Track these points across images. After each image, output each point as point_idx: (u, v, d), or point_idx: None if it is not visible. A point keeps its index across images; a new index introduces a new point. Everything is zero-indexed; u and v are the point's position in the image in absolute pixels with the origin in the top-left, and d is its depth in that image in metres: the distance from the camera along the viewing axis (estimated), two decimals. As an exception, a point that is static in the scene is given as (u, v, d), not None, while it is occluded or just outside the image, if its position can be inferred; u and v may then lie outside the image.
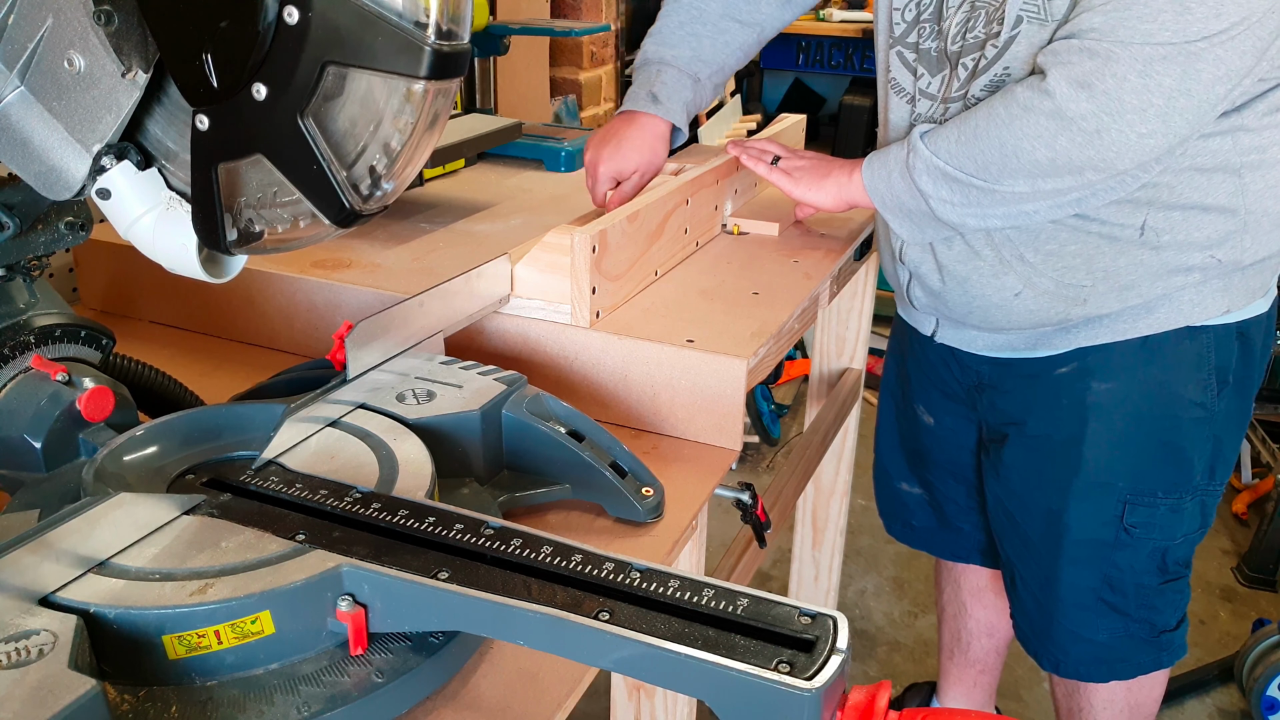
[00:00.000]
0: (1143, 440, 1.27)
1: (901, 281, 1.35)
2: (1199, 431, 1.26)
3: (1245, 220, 1.14)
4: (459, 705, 0.65)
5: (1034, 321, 1.23)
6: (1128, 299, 1.18)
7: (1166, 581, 1.35)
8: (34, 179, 0.66)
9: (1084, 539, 1.33)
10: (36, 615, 0.56)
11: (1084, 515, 1.31)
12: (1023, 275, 1.19)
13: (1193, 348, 1.22)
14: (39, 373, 0.76)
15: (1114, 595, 1.35)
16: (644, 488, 0.85)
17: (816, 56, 3.61)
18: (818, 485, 1.91)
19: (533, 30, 1.96)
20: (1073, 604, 1.37)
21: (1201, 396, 1.24)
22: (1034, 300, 1.20)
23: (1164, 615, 1.38)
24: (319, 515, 0.68)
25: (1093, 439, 1.28)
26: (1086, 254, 1.16)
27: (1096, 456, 1.28)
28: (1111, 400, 1.26)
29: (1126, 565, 1.33)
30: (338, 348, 0.83)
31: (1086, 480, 1.29)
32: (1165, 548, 1.31)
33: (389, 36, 0.55)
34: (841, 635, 0.54)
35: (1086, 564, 1.34)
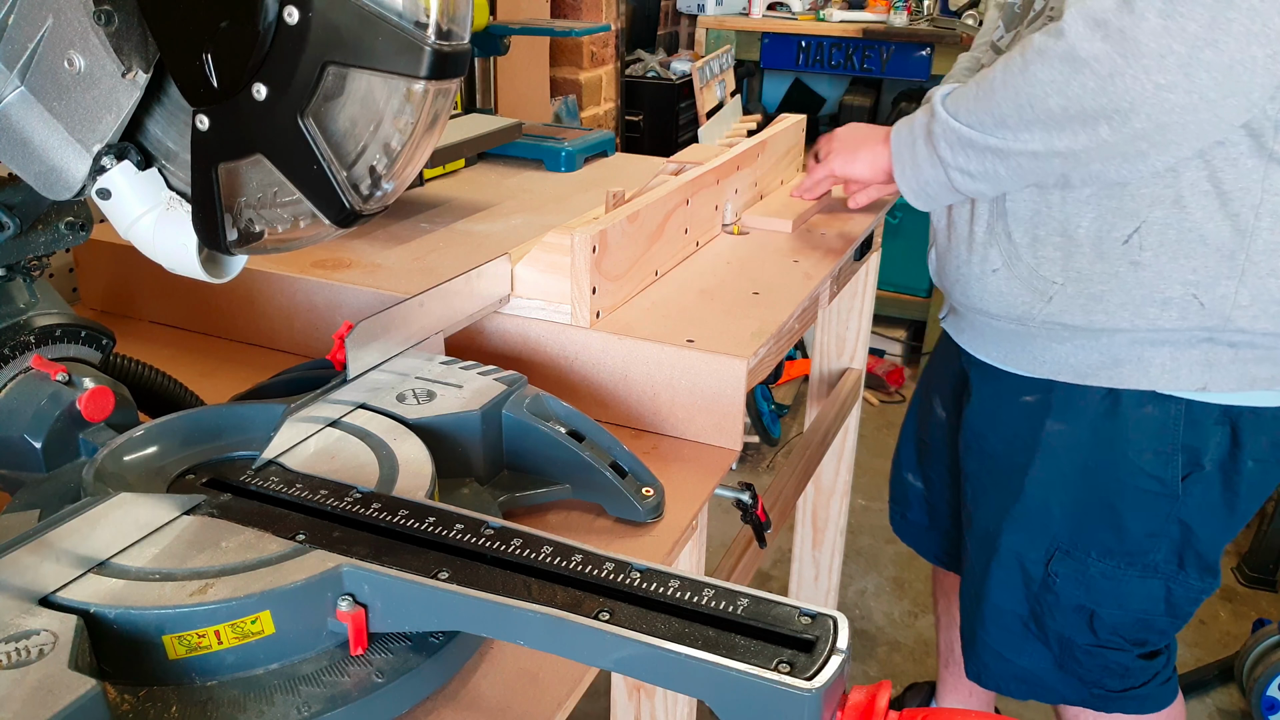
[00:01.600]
0: (1083, 493, 1.22)
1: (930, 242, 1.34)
2: (1150, 506, 1.19)
3: (1244, 271, 1.05)
4: (459, 705, 0.65)
5: (1002, 307, 1.19)
6: (1093, 314, 1.12)
7: (1097, 646, 1.28)
8: (34, 179, 0.66)
9: (1012, 566, 1.29)
10: (36, 615, 0.56)
11: (1015, 544, 1.28)
12: (1005, 252, 1.16)
13: (1155, 415, 1.15)
14: (39, 373, 0.76)
15: (1038, 630, 1.31)
16: (644, 488, 0.85)
17: (816, 56, 3.60)
18: (818, 485, 1.91)
19: (533, 30, 1.96)
20: (996, 623, 1.34)
21: (1159, 470, 1.16)
22: (1007, 283, 1.17)
23: (1092, 674, 1.31)
24: (319, 515, 0.68)
25: (1035, 474, 1.24)
26: (1067, 249, 1.12)
27: (1036, 492, 1.25)
28: (1062, 442, 1.21)
29: (1048, 609, 1.28)
30: (338, 348, 0.83)
31: (1023, 510, 1.26)
32: (1093, 611, 1.26)
33: (389, 36, 0.55)
34: (842, 635, 0.54)
35: (1012, 590, 1.31)
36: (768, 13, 3.67)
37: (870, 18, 3.50)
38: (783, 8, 3.69)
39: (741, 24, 3.65)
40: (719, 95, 1.70)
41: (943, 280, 1.31)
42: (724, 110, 1.69)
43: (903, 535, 1.70)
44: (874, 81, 3.78)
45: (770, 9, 3.69)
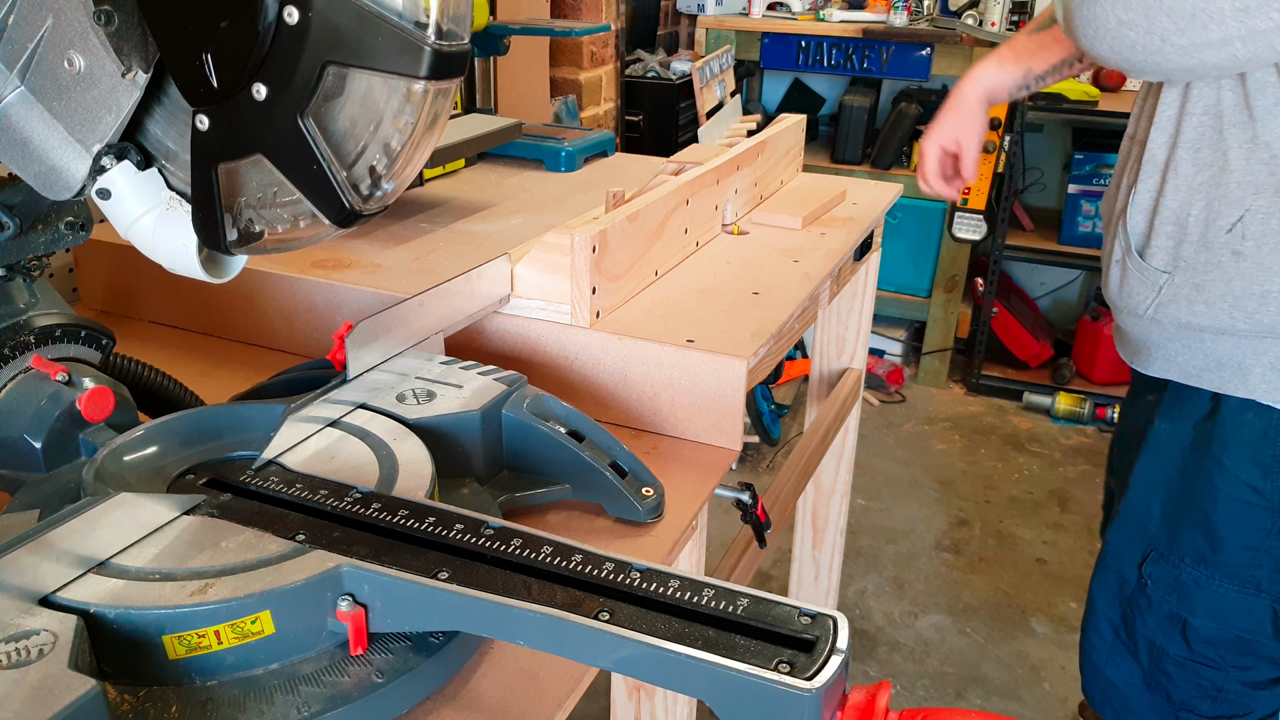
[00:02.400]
0: (1180, 496, 1.21)
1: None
2: (1247, 518, 1.16)
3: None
4: (459, 705, 0.65)
5: (1122, 298, 1.22)
6: (1195, 306, 1.13)
7: (1192, 660, 1.24)
8: (34, 179, 0.66)
9: (1111, 565, 1.30)
10: (36, 615, 0.56)
11: (1118, 542, 1.29)
12: (1123, 244, 1.19)
13: (1256, 425, 1.14)
14: (39, 373, 0.76)
15: (1127, 638, 1.30)
16: (644, 488, 0.85)
17: (816, 56, 3.60)
18: (818, 485, 1.90)
19: (533, 30, 1.96)
20: (1092, 627, 1.34)
21: (1257, 482, 1.15)
22: (1123, 274, 1.20)
23: (1183, 692, 1.27)
24: (319, 515, 0.68)
25: (1141, 471, 1.25)
26: (1178, 238, 1.13)
27: (1138, 492, 1.26)
28: (1164, 443, 1.22)
29: (1141, 615, 1.27)
30: (338, 348, 0.83)
31: (1126, 509, 1.27)
32: (1185, 619, 1.23)
33: (389, 36, 0.55)
34: (841, 635, 0.54)
35: (1109, 593, 1.31)
36: (768, 13, 3.67)
37: (870, 18, 3.50)
38: (783, 8, 3.68)
39: (741, 24, 3.65)
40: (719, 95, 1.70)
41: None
42: (724, 110, 1.69)
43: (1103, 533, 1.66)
44: (874, 81, 3.78)
45: (770, 9, 3.69)
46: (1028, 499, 2.88)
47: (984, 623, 2.34)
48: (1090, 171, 3.25)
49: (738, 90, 1.78)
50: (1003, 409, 3.43)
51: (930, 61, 3.40)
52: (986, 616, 2.37)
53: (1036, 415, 3.39)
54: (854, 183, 1.64)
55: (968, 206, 3.19)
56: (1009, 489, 2.94)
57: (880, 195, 1.60)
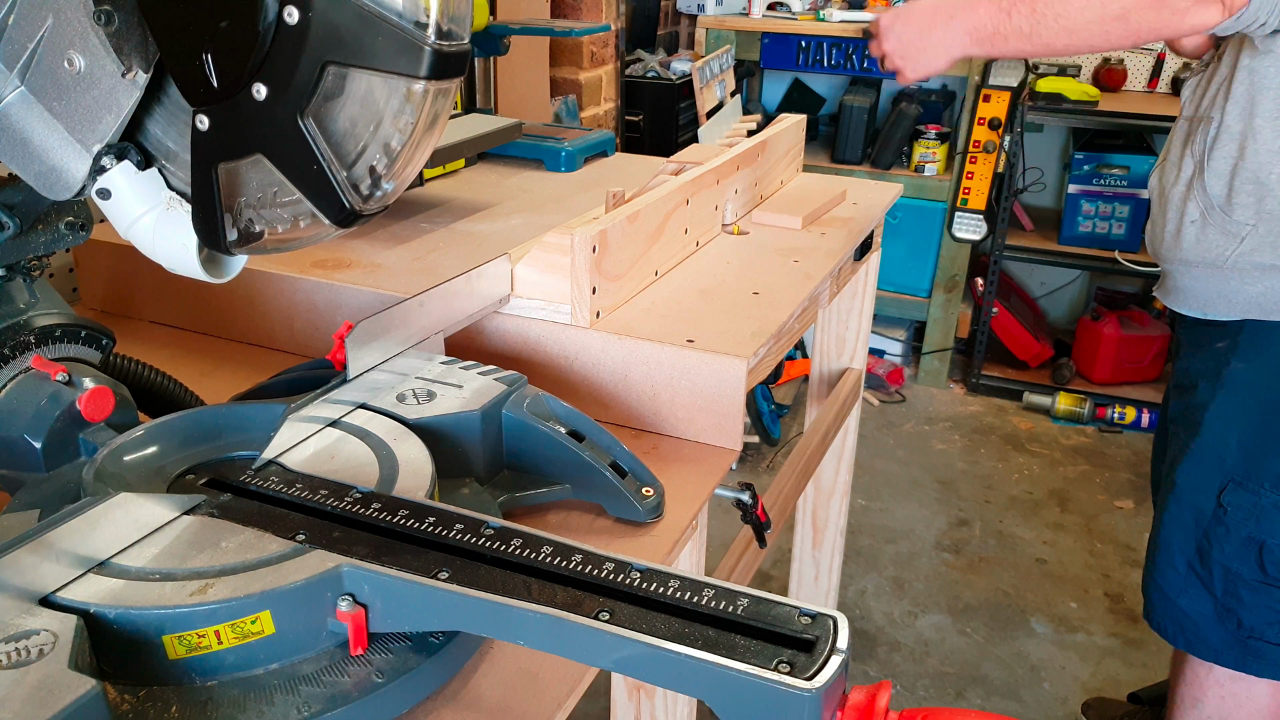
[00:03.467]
0: (1261, 425, 1.31)
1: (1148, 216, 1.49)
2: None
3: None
4: (459, 705, 0.65)
5: (1198, 253, 1.33)
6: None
7: (1264, 583, 1.34)
8: (34, 179, 0.66)
9: (1187, 501, 1.38)
10: (36, 615, 0.56)
11: (1190, 478, 1.37)
12: (1202, 204, 1.33)
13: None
14: (39, 373, 0.76)
15: (1202, 569, 1.38)
16: (644, 488, 0.85)
17: (816, 56, 3.60)
18: (818, 485, 1.90)
19: (533, 30, 1.96)
20: (1165, 562, 1.42)
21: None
22: (1203, 230, 1.33)
23: (1254, 615, 1.36)
24: (319, 515, 0.68)
25: (1217, 409, 1.35)
26: (1259, 195, 1.28)
27: (1215, 426, 1.35)
28: (1243, 379, 1.33)
29: (1218, 543, 1.35)
30: (338, 348, 0.83)
31: (1201, 445, 1.36)
32: (1262, 542, 1.32)
33: (389, 36, 0.55)
34: (842, 635, 0.54)
35: (1184, 527, 1.39)
36: (768, 13, 3.67)
37: (870, 18, 3.49)
38: (783, 8, 3.68)
39: (741, 24, 3.65)
40: (719, 95, 1.69)
41: (1153, 243, 1.46)
42: (724, 110, 1.69)
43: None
44: (874, 81, 3.77)
45: (770, 9, 3.69)
46: (1028, 499, 2.88)
47: (984, 623, 2.34)
48: (1090, 171, 3.25)
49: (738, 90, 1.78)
50: (1003, 409, 3.43)
51: (930, 61, 3.40)
52: (986, 616, 2.37)
53: (1036, 415, 3.39)
54: (854, 183, 1.64)
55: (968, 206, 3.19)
56: (1009, 489, 2.94)
57: (880, 195, 1.60)
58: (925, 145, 3.47)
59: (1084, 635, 2.32)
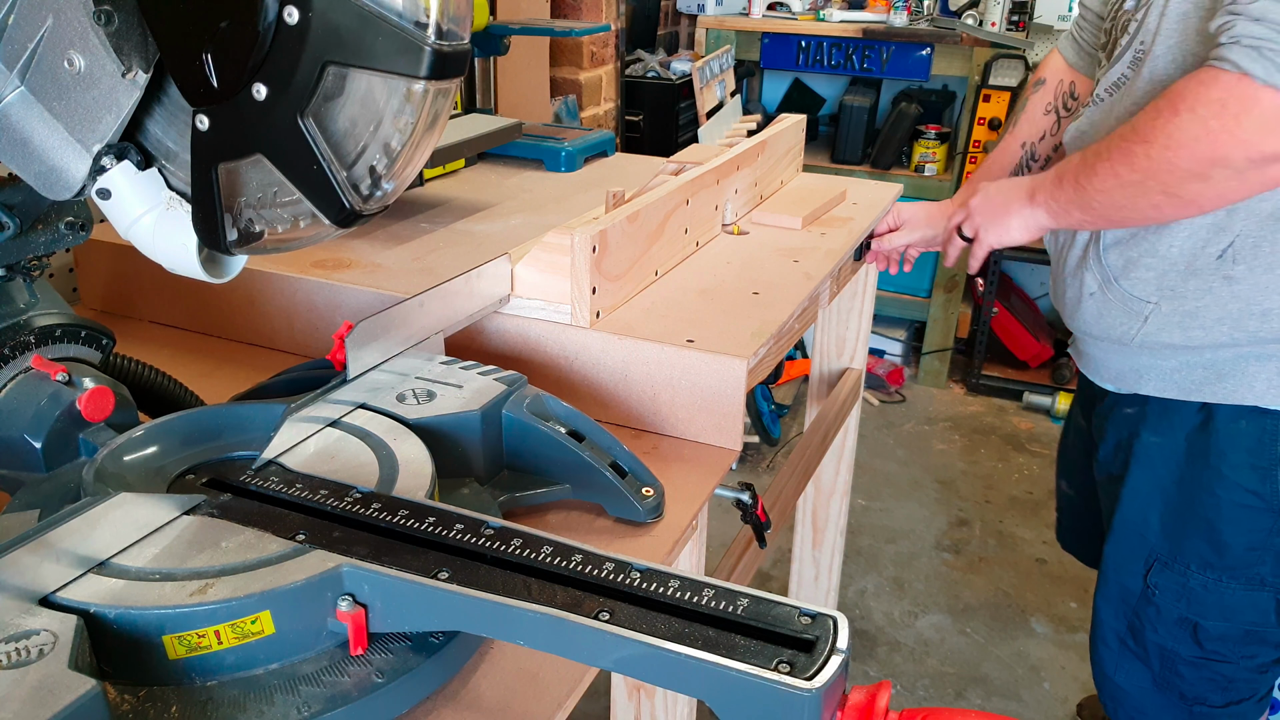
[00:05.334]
0: (1178, 506, 1.23)
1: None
2: (1250, 521, 1.19)
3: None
4: (459, 705, 0.65)
5: (1102, 328, 1.23)
6: (1190, 330, 1.14)
7: (1203, 659, 1.27)
8: (34, 179, 0.66)
9: (1113, 579, 1.32)
10: (36, 615, 0.56)
11: (1116, 555, 1.30)
12: (1099, 276, 1.21)
13: (1250, 430, 1.16)
14: (39, 373, 0.76)
15: (1136, 646, 1.32)
16: (644, 488, 0.85)
17: (816, 57, 3.60)
18: (818, 485, 1.90)
19: (533, 30, 1.96)
20: (1100, 639, 1.36)
21: (1257, 486, 1.17)
22: (1103, 304, 1.22)
23: (1195, 688, 1.30)
24: (319, 515, 0.68)
25: (1132, 485, 1.26)
26: (1160, 269, 1.15)
27: (1132, 504, 1.27)
28: (1155, 454, 1.24)
29: (1149, 624, 1.29)
30: (338, 348, 0.83)
31: (1121, 523, 1.29)
32: (1196, 623, 1.25)
33: (389, 36, 0.55)
34: (842, 635, 0.54)
35: (1114, 605, 1.33)
36: (768, 13, 3.67)
37: (870, 18, 3.50)
38: (783, 8, 3.68)
39: (741, 24, 3.65)
40: (719, 95, 1.69)
41: (1057, 305, 1.36)
42: (724, 110, 1.69)
43: (1061, 543, 1.68)
44: (874, 81, 3.77)
45: (770, 9, 3.69)
46: (1028, 499, 2.88)
47: (984, 623, 2.34)
48: (1090, 171, 3.24)
49: (738, 90, 1.78)
50: (1003, 409, 3.43)
51: (930, 61, 3.40)
52: (986, 616, 2.37)
53: (1036, 415, 3.39)
54: (854, 183, 1.64)
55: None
56: (1009, 489, 2.94)
57: (880, 195, 1.60)
58: (925, 145, 3.47)
59: (1084, 635, 2.31)
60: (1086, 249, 1.22)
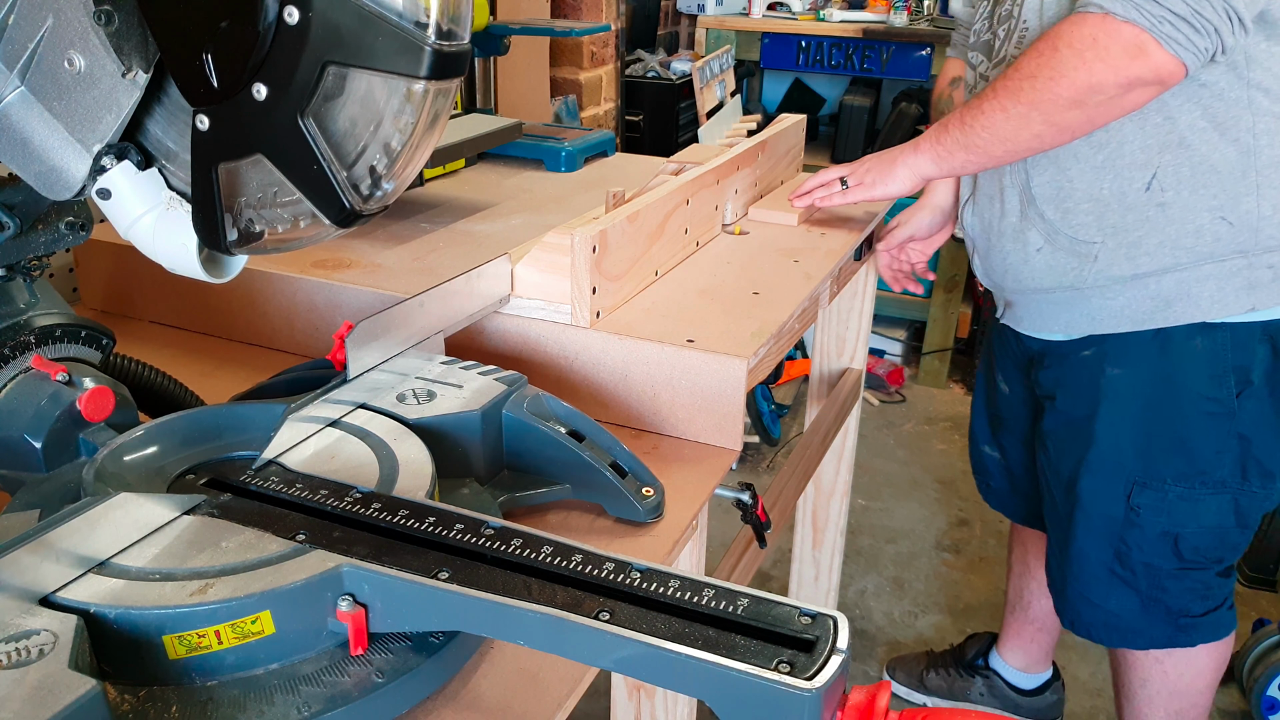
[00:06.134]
0: (1151, 428, 1.34)
1: (969, 252, 1.49)
2: (1212, 427, 1.31)
3: (1258, 185, 1.19)
4: (459, 705, 0.65)
5: (1052, 279, 1.33)
6: (1137, 259, 1.26)
7: (1183, 568, 1.40)
8: (34, 179, 0.66)
9: (1095, 512, 1.41)
10: (36, 615, 0.56)
11: (1095, 489, 1.40)
12: (1042, 231, 1.32)
13: (1206, 344, 1.28)
14: (39, 373, 0.76)
15: (1124, 570, 1.42)
16: (644, 488, 0.85)
17: (816, 57, 3.60)
18: (818, 485, 1.90)
19: (533, 30, 1.96)
20: (1083, 571, 1.46)
21: (1215, 392, 1.29)
22: (1052, 256, 1.32)
23: (1179, 600, 1.42)
24: (319, 515, 0.68)
25: (1104, 419, 1.37)
26: (1097, 211, 1.27)
27: (1107, 436, 1.37)
28: (1123, 386, 1.34)
29: (1135, 543, 1.40)
30: (338, 348, 0.83)
31: (1098, 457, 1.38)
32: (1176, 534, 1.37)
33: (389, 36, 0.55)
34: (842, 635, 0.54)
35: (1097, 536, 1.42)
36: (768, 13, 3.67)
37: (870, 18, 3.50)
38: (783, 8, 3.68)
39: (741, 24, 3.65)
40: (719, 95, 1.70)
41: (992, 278, 1.45)
42: (724, 110, 1.69)
43: (989, 500, 1.82)
44: (874, 81, 3.78)
45: (770, 9, 3.69)
46: (1028, 499, 2.88)
47: (984, 623, 2.34)
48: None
49: (738, 90, 1.78)
50: (1003, 409, 3.42)
51: (930, 61, 3.40)
52: (986, 616, 2.37)
53: (1036, 415, 3.38)
54: (854, 183, 1.64)
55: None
56: (1009, 489, 2.94)
57: (880, 195, 1.60)
58: (925, 145, 3.47)
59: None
60: (1023, 211, 1.33)
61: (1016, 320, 1.46)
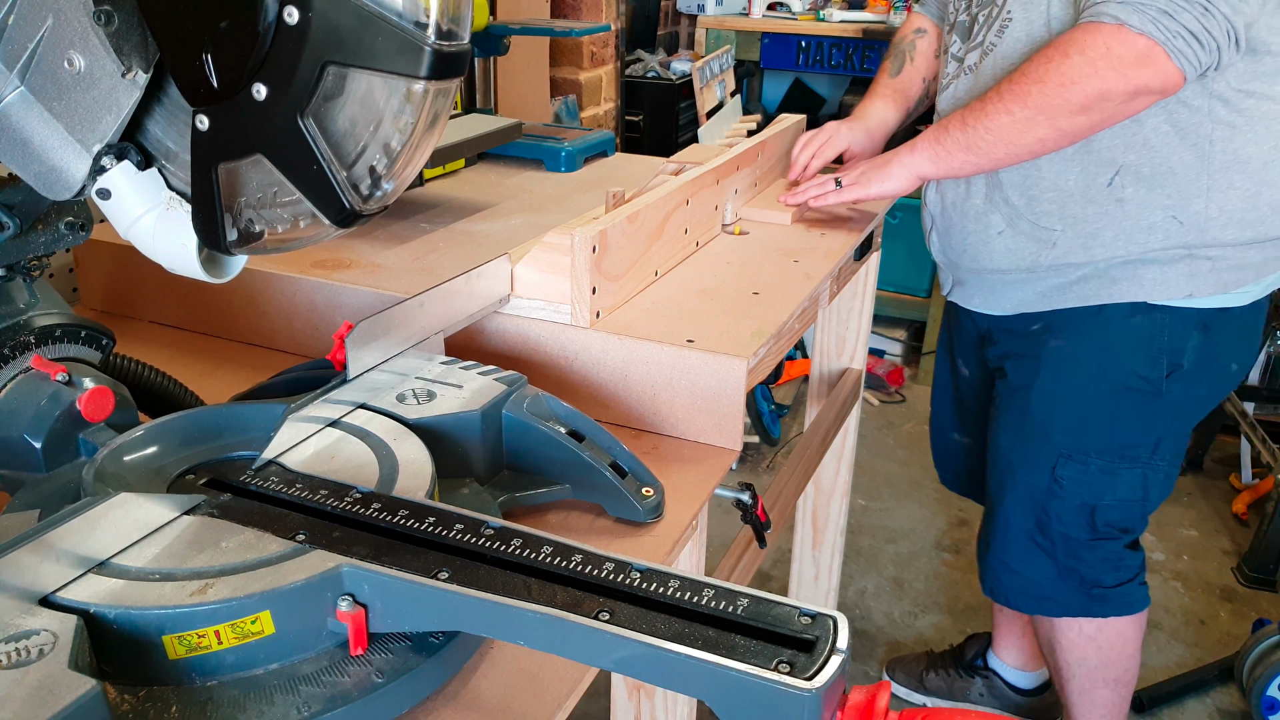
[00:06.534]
0: (1082, 399, 1.40)
1: (926, 229, 1.52)
2: (1141, 405, 1.38)
3: (1208, 189, 1.25)
4: (459, 705, 0.65)
5: (1010, 261, 1.38)
6: (1092, 250, 1.32)
7: (1095, 539, 1.48)
8: (34, 179, 0.66)
9: (1022, 481, 1.48)
10: (36, 615, 0.56)
11: (1025, 458, 1.47)
12: (1006, 215, 1.37)
13: (1144, 324, 1.34)
14: (39, 373, 0.76)
15: (1043, 539, 1.49)
16: (644, 488, 0.85)
17: (816, 57, 3.61)
18: (818, 485, 1.91)
19: (533, 30, 1.96)
20: (1006, 537, 1.52)
21: (1148, 372, 1.36)
22: (1012, 239, 1.37)
23: (1093, 570, 1.50)
24: (319, 515, 0.68)
25: (1040, 389, 1.43)
26: (1061, 201, 1.32)
27: (1040, 406, 1.43)
28: (1061, 356, 1.40)
29: (1055, 514, 1.46)
30: (338, 348, 0.83)
31: (1030, 427, 1.45)
32: (1094, 506, 1.45)
33: (389, 36, 0.55)
34: (841, 635, 0.54)
35: (1022, 504, 1.49)
36: (768, 13, 3.67)
37: (870, 18, 3.50)
38: (783, 8, 3.68)
39: (741, 24, 3.65)
40: (719, 95, 1.70)
41: (949, 255, 1.49)
42: (724, 110, 1.69)
43: (958, 489, 1.86)
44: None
45: (770, 9, 3.69)
46: (1028, 499, 2.88)
47: (984, 623, 2.34)
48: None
49: (738, 90, 1.78)
50: (1003, 409, 3.42)
51: (930, 61, 3.40)
52: (986, 617, 2.37)
53: (1036, 415, 3.38)
54: (854, 183, 1.64)
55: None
56: (1009, 489, 2.94)
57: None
58: (925, 145, 3.47)
59: (1084, 635, 2.32)
60: (989, 194, 1.38)
61: (966, 298, 1.52)
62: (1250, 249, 1.29)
